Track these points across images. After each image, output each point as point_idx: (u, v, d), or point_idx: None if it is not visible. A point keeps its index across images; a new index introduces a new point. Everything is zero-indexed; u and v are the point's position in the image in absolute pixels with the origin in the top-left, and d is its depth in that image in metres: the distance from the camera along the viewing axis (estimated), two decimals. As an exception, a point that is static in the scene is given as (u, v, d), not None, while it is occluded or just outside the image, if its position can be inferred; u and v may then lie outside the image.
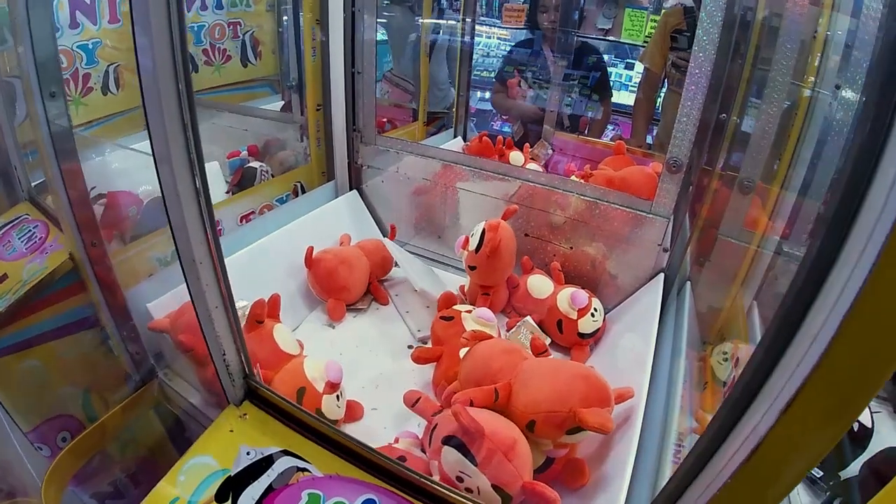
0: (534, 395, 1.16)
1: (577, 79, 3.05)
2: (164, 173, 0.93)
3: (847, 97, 1.46)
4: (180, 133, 0.90)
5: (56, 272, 1.57)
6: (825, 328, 0.54)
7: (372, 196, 2.23)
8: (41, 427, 1.64)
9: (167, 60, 0.82)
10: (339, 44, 1.91)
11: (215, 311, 1.09)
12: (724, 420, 0.69)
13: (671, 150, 1.55)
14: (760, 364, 0.64)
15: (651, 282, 1.73)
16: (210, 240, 1.01)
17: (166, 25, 0.80)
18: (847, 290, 0.52)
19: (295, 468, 1.11)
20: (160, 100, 0.85)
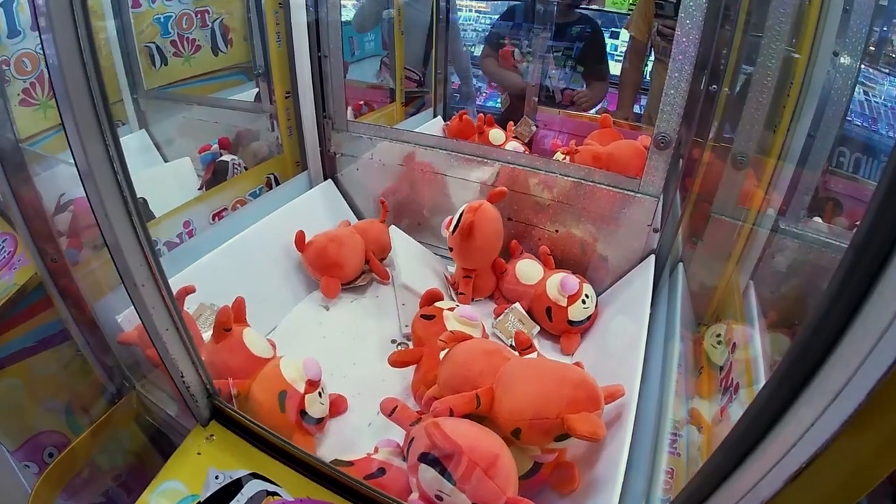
0: (518, 401, 1.10)
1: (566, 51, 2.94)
2: (91, 196, 0.87)
3: (845, 64, 1.39)
4: (102, 151, 0.84)
5: (26, 287, 1.53)
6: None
7: (348, 185, 2.16)
8: (26, 445, 1.62)
9: (80, 78, 0.78)
10: (302, 27, 1.83)
11: (166, 333, 1.04)
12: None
13: (658, 125, 1.47)
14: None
15: (642, 263, 1.66)
16: (150, 262, 0.95)
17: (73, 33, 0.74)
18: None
19: (265, 492, 1.07)
20: (74, 115, 0.80)
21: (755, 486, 0.58)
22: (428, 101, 2.94)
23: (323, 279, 1.80)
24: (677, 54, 1.38)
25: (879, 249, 0.43)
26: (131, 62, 2.35)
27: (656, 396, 1.28)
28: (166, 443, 1.61)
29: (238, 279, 1.66)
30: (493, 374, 1.17)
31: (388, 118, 2.71)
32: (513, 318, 1.67)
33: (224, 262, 1.68)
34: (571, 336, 1.64)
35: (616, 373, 1.33)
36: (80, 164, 0.84)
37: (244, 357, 1.37)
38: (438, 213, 2.00)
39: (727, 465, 0.62)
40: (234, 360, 1.35)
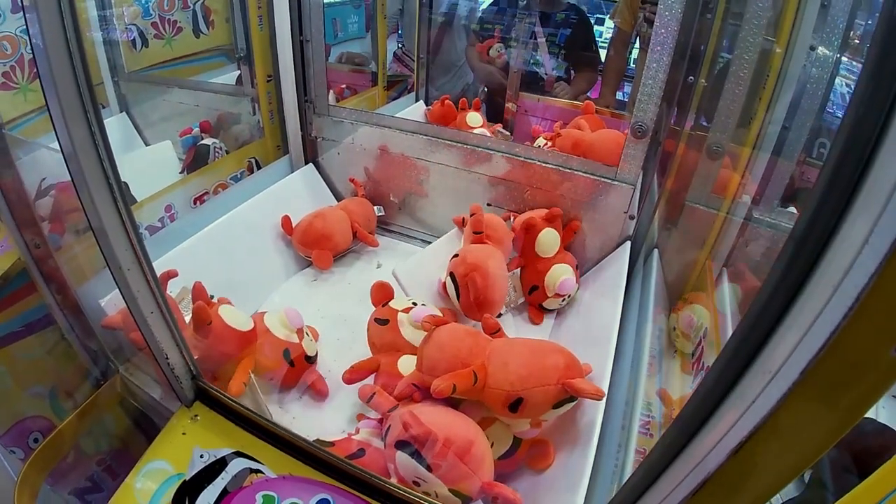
0: (518, 372, 1.13)
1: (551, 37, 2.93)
2: (77, 180, 0.88)
3: (823, 57, 1.41)
4: (87, 135, 0.84)
5: (9, 274, 1.53)
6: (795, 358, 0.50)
7: (329, 169, 2.17)
8: (12, 430, 1.62)
9: (64, 60, 0.77)
10: (284, 10, 1.82)
11: (151, 316, 1.06)
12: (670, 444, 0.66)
13: (636, 114, 1.49)
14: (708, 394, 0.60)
15: (617, 250, 1.70)
16: (135, 246, 0.97)
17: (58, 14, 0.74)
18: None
19: (248, 470, 1.10)
20: (59, 98, 0.79)
21: (703, 459, 0.62)
22: (410, 85, 2.93)
23: (314, 252, 1.83)
24: (655, 45, 1.41)
25: (817, 241, 0.47)
26: (112, 44, 2.33)
27: (627, 378, 1.32)
28: (150, 426, 1.62)
29: (220, 263, 1.67)
30: (481, 353, 1.20)
31: (370, 102, 2.71)
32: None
33: (206, 246, 1.68)
34: (537, 313, 1.71)
35: (589, 356, 1.36)
36: (65, 147, 0.84)
37: (236, 338, 1.38)
38: (418, 198, 2.03)
39: (679, 441, 0.65)
40: (228, 345, 1.37)
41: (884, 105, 0.40)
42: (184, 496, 1.05)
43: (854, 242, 0.43)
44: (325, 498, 1.04)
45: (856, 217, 0.44)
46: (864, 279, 0.43)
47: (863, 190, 0.43)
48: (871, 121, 0.41)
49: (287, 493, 1.05)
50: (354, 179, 2.08)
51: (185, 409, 1.23)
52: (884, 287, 0.43)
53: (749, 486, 0.60)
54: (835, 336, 0.46)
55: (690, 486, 0.64)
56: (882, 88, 0.40)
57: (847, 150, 0.43)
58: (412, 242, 2.09)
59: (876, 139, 0.42)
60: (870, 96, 0.41)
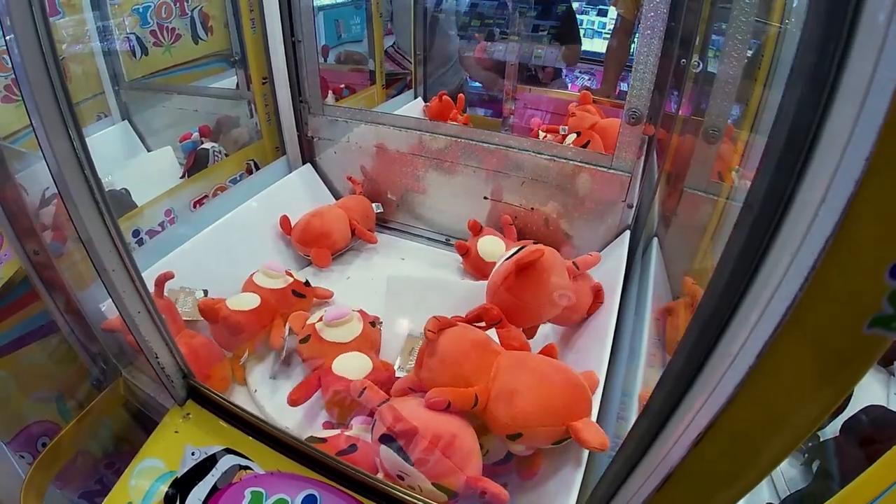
0: (524, 407, 1.06)
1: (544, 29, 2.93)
2: (60, 184, 0.92)
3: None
4: (63, 136, 0.88)
5: (12, 281, 1.55)
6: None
7: (326, 168, 2.17)
8: (20, 436, 1.64)
9: (43, 79, 0.82)
10: (275, 13, 1.83)
11: (138, 316, 1.08)
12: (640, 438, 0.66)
13: (629, 101, 1.48)
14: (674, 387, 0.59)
15: (616, 240, 1.68)
16: (118, 247, 0.99)
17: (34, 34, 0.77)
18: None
19: (237, 466, 1.11)
20: (40, 115, 0.84)
21: (668, 453, 0.61)
22: (409, 82, 2.93)
23: (313, 251, 1.84)
24: (645, 30, 1.39)
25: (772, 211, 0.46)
26: (112, 54, 2.36)
27: (624, 370, 1.30)
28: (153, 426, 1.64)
29: (220, 264, 1.69)
30: (486, 371, 1.13)
31: (369, 101, 2.72)
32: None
33: (205, 248, 1.70)
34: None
35: (586, 347, 1.35)
36: (50, 161, 0.88)
37: (255, 315, 1.52)
38: (416, 194, 2.03)
39: (649, 434, 0.65)
40: (253, 323, 1.51)
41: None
42: (175, 493, 1.07)
43: (810, 206, 0.42)
44: (313, 494, 1.05)
45: (812, 177, 0.43)
46: (821, 242, 0.41)
47: (815, 153, 0.42)
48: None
49: (275, 489, 1.06)
50: (352, 177, 2.09)
51: (178, 407, 1.24)
52: (845, 252, 0.41)
53: (721, 474, 0.60)
54: (792, 311, 0.44)
55: (661, 475, 0.64)
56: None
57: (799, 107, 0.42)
58: (411, 239, 2.09)
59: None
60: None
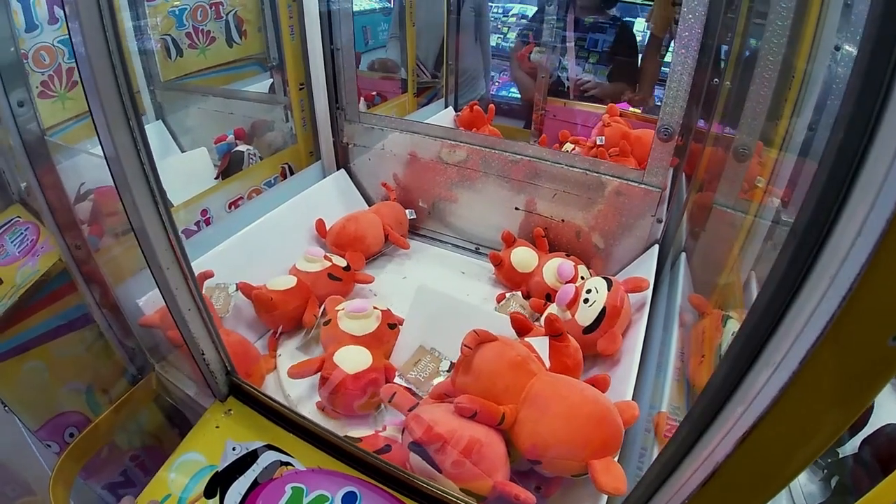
0: (544, 437, 1.06)
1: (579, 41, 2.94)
2: (119, 183, 0.92)
3: (847, 56, 1.40)
4: (128, 139, 0.88)
5: (49, 273, 1.58)
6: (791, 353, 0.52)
7: (360, 174, 2.20)
8: (48, 424, 1.67)
9: (106, 67, 0.80)
10: (315, 21, 1.86)
11: (188, 313, 1.10)
12: (682, 442, 0.68)
13: (662, 117, 1.49)
14: (720, 388, 0.61)
15: (645, 253, 1.70)
16: (174, 245, 1.01)
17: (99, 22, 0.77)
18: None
19: (279, 462, 1.13)
20: (101, 103, 0.82)
21: (713, 451, 0.64)
22: (440, 91, 2.96)
23: (347, 254, 1.85)
24: (680, 48, 1.41)
25: (815, 237, 0.49)
26: (147, 54, 2.40)
27: (652, 382, 1.32)
28: (183, 422, 1.66)
29: (254, 266, 1.71)
30: (518, 394, 1.12)
31: (400, 109, 2.74)
32: (514, 304, 1.70)
33: (240, 249, 1.74)
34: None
35: (615, 361, 1.37)
36: (108, 151, 0.88)
37: (298, 292, 1.64)
38: (447, 202, 2.06)
39: (692, 435, 0.67)
40: (290, 304, 1.62)
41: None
42: (216, 486, 1.09)
43: (848, 235, 0.45)
44: (353, 490, 1.07)
45: (851, 211, 0.46)
46: (857, 268, 0.45)
47: (856, 185, 0.45)
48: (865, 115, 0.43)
49: (315, 485, 1.07)
50: (386, 184, 2.12)
51: (219, 403, 1.27)
52: (877, 278, 0.45)
53: (756, 476, 0.62)
54: (831, 326, 0.48)
55: (700, 477, 0.66)
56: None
57: (841, 150, 0.45)
58: (441, 246, 2.12)
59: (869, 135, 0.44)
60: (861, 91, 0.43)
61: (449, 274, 1.95)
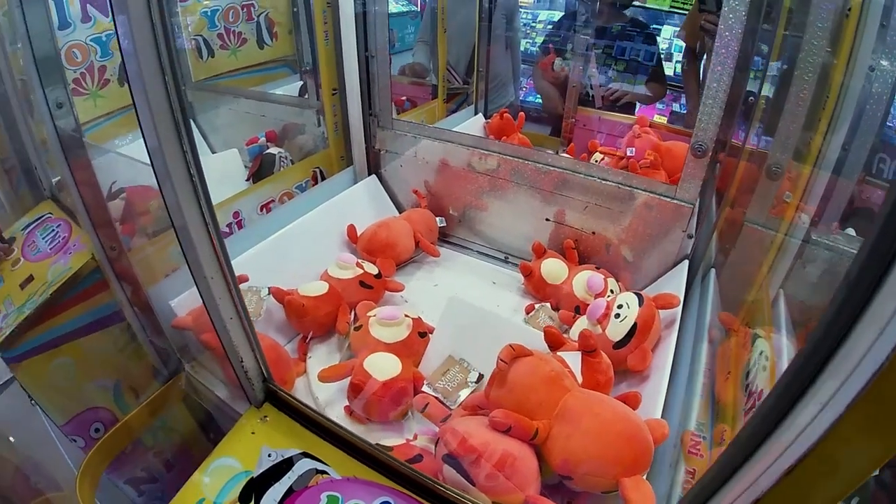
0: (576, 453, 1.07)
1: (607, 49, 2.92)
2: (167, 194, 0.92)
3: (884, 77, 1.40)
4: (179, 155, 0.88)
5: (80, 272, 1.59)
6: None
7: (391, 180, 2.21)
8: (74, 420, 1.68)
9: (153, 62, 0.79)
10: (350, 27, 1.87)
11: (230, 321, 1.11)
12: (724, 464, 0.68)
13: (696, 133, 1.49)
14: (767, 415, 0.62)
15: (675, 268, 1.69)
16: (219, 256, 1.02)
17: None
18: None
19: (314, 470, 1.14)
20: (146, 90, 0.81)
21: (756, 480, 0.65)
22: (469, 98, 2.95)
23: (378, 260, 1.87)
24: (716, 65, 1.40)
25: (866, 288, 0.50)
26: (178, 53, 2.41)
27: (682, 399, 1.31)
28: (211, 422, 1.68)
29: (285, 269, 1.73)
30: (551, 409, 1.13)
31: (430, 115, 2.74)
32: (543, 316, 1.70)
33: (272, 253, 1.75)
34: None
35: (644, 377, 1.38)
36: (150, 143, 0.86)
37: (328, 298, 1.65)
38: (477, 211, 2.06)
39: (735, 461, 0.68)
40: (322, 309, 1.63)
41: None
42: (250, 492, 1.09)
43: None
44: (388, 500, 1.07)
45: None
46: None
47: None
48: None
49: (351, 494, 1.08)
50: (418, 191, 2.13)
51: (255, 409, 1.27)
52: None
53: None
54: (878, 375, 0.50)
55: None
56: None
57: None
58: (471, 254, 2.12)
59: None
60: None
61: (479, 283, 1.96)
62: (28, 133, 1.81)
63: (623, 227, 1.74)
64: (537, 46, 3.31)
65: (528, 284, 1.84)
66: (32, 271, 1.66)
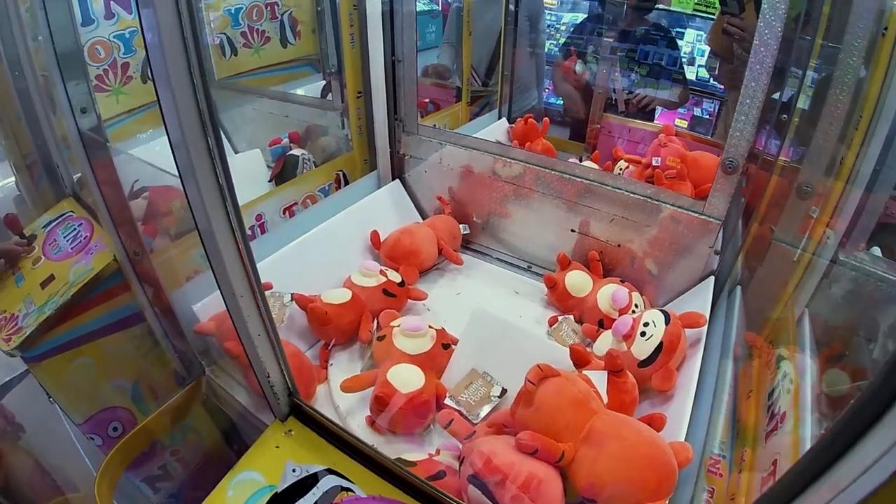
0: (601, 477, 1.06)
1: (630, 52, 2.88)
2: (199, 217, 0.91)
3: None
4: (209, 169, 0.86)
5: (102, 273, 1.59)
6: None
7: (415, 186, 2.20)
8: (93, 419, 1.69)
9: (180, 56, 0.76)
10: (377, 31, 1.84)
11: (258, 338, 1.10)
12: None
13: (727, 149, 1.46)
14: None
15: (700, 284, 1.67)
16: (249, 274, 1.01)
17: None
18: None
19: (339, 487, 1.13)
20: (170, 80, 0.77)
21: None
22: (493, 102, 2.92)
23: (401, 268, 1.86)
24: (750, 81, 1.37)
25: None
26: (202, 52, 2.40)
27: (706, 418, 1.29)
28: (229, 425, 1.68)
29: (308, 275, 1.72)
30: (579, 430, 1.11)
31: (454, 118, 2.72)
32: (566, 328, 1.69)
33: (295, 258, 1.74)
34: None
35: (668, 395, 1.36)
36: (174, 137, 0.83)
37: (352, 305, 1.63)
38: (501, 219, 2.05)
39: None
40: (346, 317, 1.62)
41: None
42: (275, 507, 1.08)
43: None
44: (412, 521, 1.06)
45: None
46: None
47: None
48: None
49: (376, 513, 1.07)
50: (442, 197, 2.11)
51: (280, 423, 1.26)
52: None
53: None
54: None
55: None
56: None
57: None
58: (494, 262, 2.10)
59: None
60: None
61: (502, 292, 1.94)
62: (49, 129, 1.80)
63: (649, 241, 1.72)
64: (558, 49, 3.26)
65: (551, 296, 1.82)
66: (53, 271, 1.67)
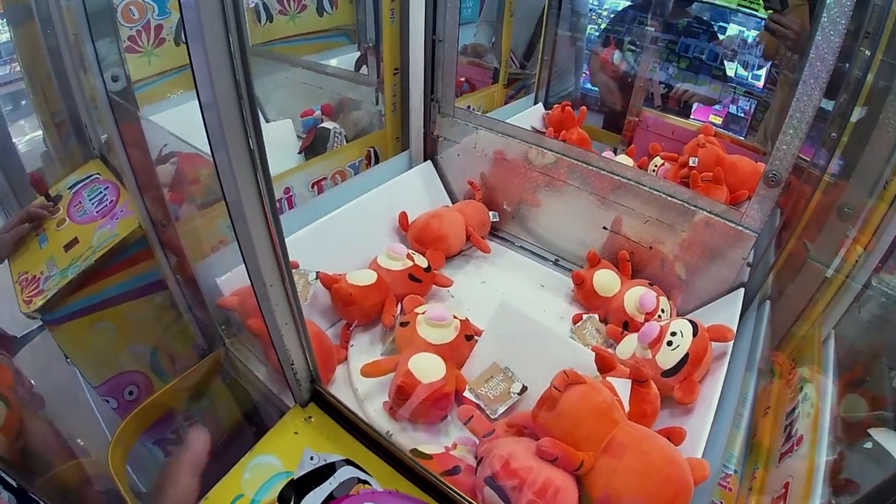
0: (617, 490, 1.06)
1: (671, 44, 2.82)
2: (235, 214, 0.92)
3: None
4: (231, 85, 0.77)
5: (127, 240, 1.59)
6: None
7: (446, 168, 2.16)
8: (109, 382, 1.71)
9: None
10: (419, 8, 1.80)
11: (285, 327, 1.09)
12: None
13: (772, 161, 1.41)
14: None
15: (730, 295, 1.64)
16: (281, 264, 1.00)
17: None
18: None
19: (356, 479, 1.12)
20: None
21: None
22: (530, 85, 2.86)
23: (428, 252, 1.84)
24: (802, 94, 1.31)
25: None
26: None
27: (726, 436, 1.28)
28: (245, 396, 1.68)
29: (334, 253, 1.71)
30: (600, 440, 1.10)
31: (489, 100, 2.68)
32: (590, 327, 1.67)
33: (323, 236, 1.73)
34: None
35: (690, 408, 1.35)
36: (204, 98, 0.77)
37: (377, 288, 1.62)
38: (531, 208, 2.02)
39: None
40: (370, 300, 1.60)
41: None
42: (290, 494, 1.08)
43: None
44: (428, 519, 1.06)
45: None
46: None
47: None
48: None
49: (392, 507, 1.07)
50: (473, 182, 2.09)
51: (300, 409, 1.26)
52: None
53: None
54: None
55: None
56: None
57: None
58: (520, 252, 2.07)
59: None
60: None
61: (528, 284, 1.91)
62: (79, 88, 1.79)
63: (681, 244, 1.69)
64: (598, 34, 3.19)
65: (577, 293, 1.80)
66: (77, 234, 1.66)
